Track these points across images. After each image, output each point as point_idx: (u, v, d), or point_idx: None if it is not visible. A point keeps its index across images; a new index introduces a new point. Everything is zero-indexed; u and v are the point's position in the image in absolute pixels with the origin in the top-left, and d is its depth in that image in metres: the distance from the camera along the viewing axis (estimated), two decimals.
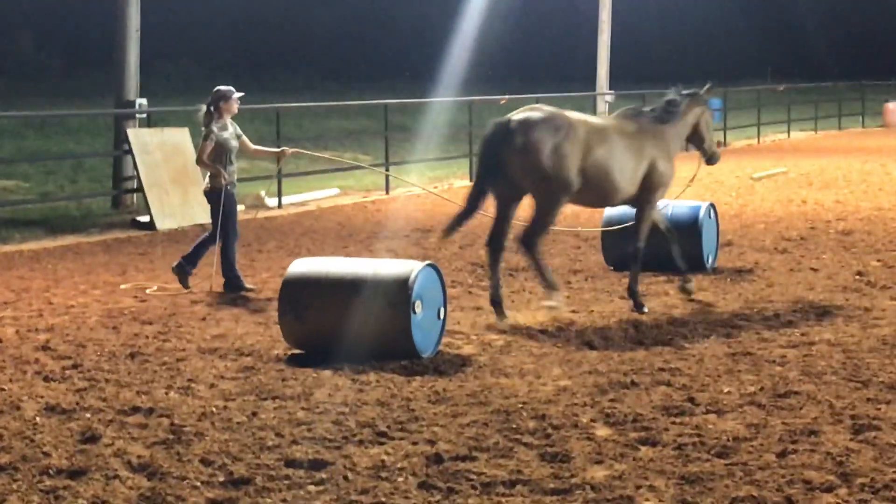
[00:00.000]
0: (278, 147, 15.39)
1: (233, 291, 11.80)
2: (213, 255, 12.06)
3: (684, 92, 11.46)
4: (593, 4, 34.05)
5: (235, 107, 11.96)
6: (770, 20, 75.31)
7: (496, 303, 10.40)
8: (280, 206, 20.23)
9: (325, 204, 20.85)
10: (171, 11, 55.23)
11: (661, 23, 67.08)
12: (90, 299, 11.64)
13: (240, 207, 19.82)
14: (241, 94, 12.05)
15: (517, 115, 10.37)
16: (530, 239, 10.43)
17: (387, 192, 22.37)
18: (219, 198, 11.81)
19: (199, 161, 12.02)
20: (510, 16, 53.81)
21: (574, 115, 10.69)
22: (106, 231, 17.02)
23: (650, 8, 59.77)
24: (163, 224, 17.21)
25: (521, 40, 62.79)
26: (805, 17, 70.32)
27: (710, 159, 12.05)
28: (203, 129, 11.85)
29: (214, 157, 11.81)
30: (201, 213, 17.95)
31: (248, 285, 11.97)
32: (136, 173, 17.98)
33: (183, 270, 12.00)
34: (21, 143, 27.77)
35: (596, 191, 10.59)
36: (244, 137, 12.13)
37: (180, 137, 18.54)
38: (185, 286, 11.96)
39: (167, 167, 17.91)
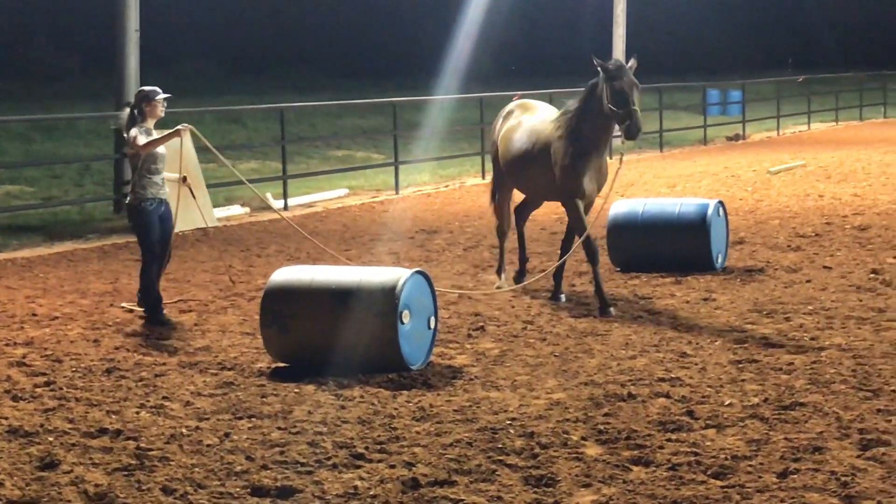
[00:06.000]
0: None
1: (153, 323, 10.39)
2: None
3: None
4: None
5: (160, 110, 10.61)
6: (789, 10, 74.50)
7: None
8: (286, 207, 19.84)
9: (332, 205, 20.45)
10: (181, 11, 54.94)
11: (675, 14, 66.37)
12: (76, 310, 11.27)
13: (245, 209, 19.61)
14: (167, 95, 10.65)
15: None
16: None
17: (396, 192, 21.95)
18: (141, 216, 10.56)
19: (144, 147, 10.28)
20: (518, 10, 53.31)
21: None
22: (105, 237, 16.66)
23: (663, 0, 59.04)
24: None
25: (530, 34, 62.18)
26: (824, 7, 69.49)
27: None
28: (125, 135, 10.62)
29: (140, 167, 10.51)
30: (204, 217, 17.57)
31: (166, 318, 10.47)
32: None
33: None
34: (29, 147, 27.47)
35: None
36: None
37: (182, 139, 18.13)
38: (160, 321, 10.48)
39: (168, 170, 17.49)
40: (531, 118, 11.67)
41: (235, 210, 19.55)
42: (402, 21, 64.21)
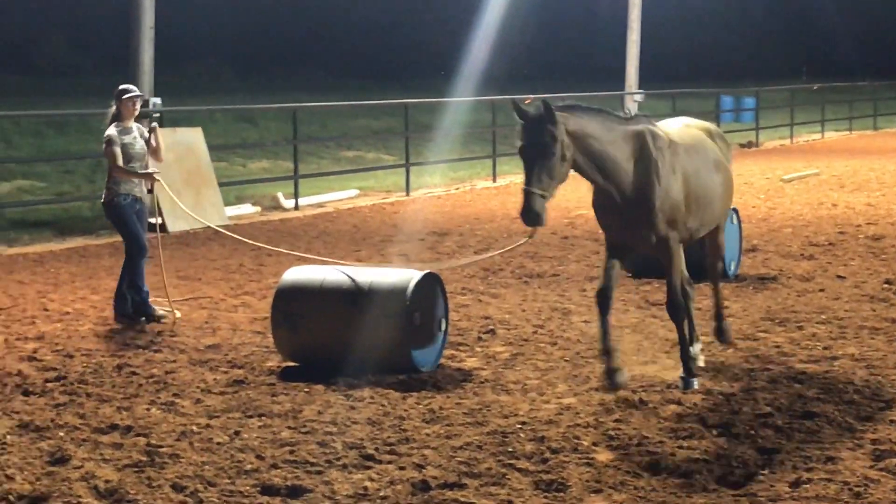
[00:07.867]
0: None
1: (142, 318, 10.44)
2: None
3: None
4: (618, 2, 33.53)
5: (133, 108, 10.56)
6: (805, 18, 74.40)
7: None
8: (297, 207, 19.84)
9: (343, 206, 20.45)
10: (195, 10, 55.00)
11: (690, 20, 66.32)
12: (87, 305, 11.28)
13: (255, 209, 19.61)
14: (139, 93, 10.72)
15: None
16: None
17: (407, 193, 21.95)
18: (115, 210, 10.53)
19: (116, 170, 10.39)
20: (534, 14, 53.30)
21: None
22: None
23: (679, 5, 58.95)
24: (174, 226, 16.85)
25: (545, 38, 62.19)
26: (840, 15, 69.37)
27: None
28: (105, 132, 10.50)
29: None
30: (214, 215, 17.62)
31: (159, 312, 10.50)
32: None
33: (134, 307, 10.58)
34: (41, 143, 27.50)
35: None
36: (153, 143, 10.64)
37: (194, 137, 18.17)
38: (153, 316, 10.52)
39: (179, 168, 17.54)
40: None
41: (246, 209, 19.57)
42: (418, 23, 64.22)
